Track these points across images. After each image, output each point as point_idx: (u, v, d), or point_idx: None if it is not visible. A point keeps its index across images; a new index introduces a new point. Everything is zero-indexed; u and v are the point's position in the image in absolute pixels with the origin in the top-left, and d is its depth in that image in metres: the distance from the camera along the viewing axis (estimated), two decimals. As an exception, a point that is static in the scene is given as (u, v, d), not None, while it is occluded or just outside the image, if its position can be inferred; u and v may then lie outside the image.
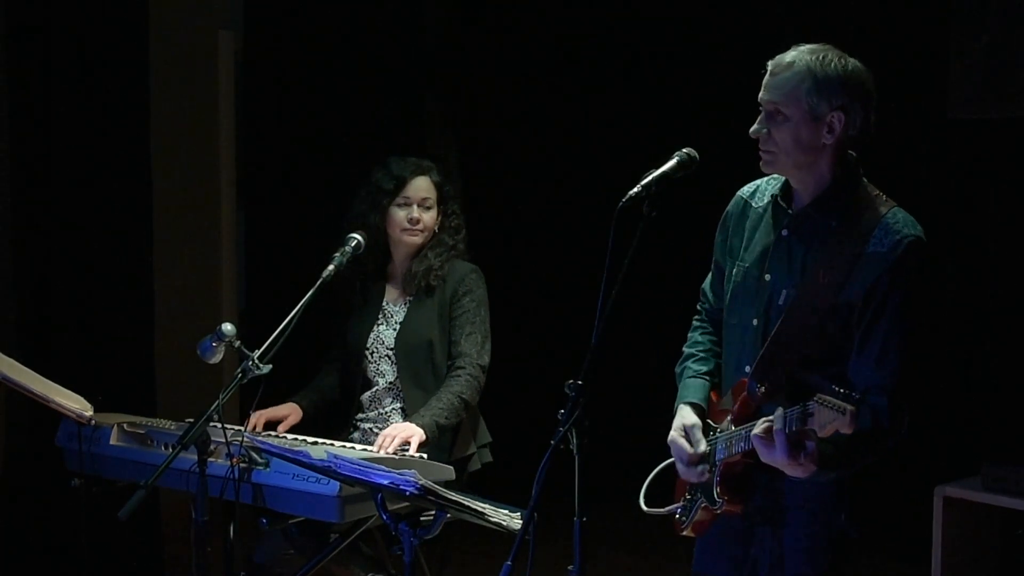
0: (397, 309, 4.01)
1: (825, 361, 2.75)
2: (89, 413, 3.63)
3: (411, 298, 3.99)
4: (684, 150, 2.79)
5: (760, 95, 2.82)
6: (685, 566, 3.22)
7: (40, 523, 4.53)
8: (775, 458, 2.61)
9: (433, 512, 3.17)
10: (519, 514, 2.96)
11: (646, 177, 2.72)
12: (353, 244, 3.76)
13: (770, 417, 2.63)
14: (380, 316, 4.01)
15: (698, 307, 3.21)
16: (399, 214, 3.95)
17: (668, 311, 6.16)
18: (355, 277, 4.03)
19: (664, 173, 2.74)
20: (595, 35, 6.35)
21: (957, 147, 5.11)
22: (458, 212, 4.06)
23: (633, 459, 3.34)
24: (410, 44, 6.47)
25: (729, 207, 3.07)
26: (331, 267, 3.67)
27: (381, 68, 6.31)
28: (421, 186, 3.97)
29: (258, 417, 3.86)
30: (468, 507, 2.98)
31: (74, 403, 3.63)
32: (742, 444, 2.78)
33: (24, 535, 4.55)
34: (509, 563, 2.56)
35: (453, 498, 2.97)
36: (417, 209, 3.95)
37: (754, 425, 2.69)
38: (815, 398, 2.51)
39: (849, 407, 2.43)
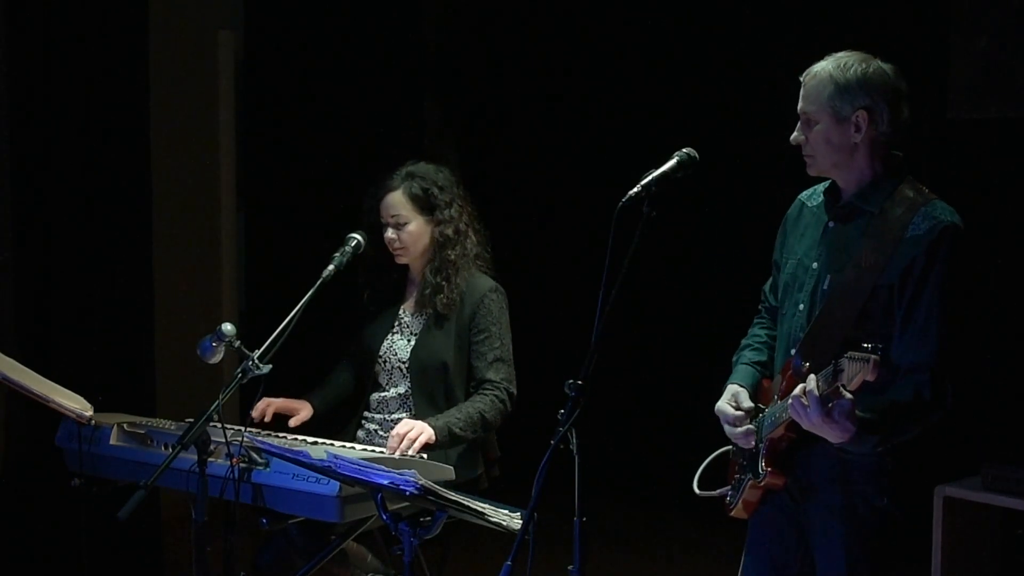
0: (413, 321, 3.89)
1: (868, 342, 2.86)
2: (89, 413, 3.62)
3: (429, 311, 3.85)
4: (684, 150, 2.86)
5: (798, 105, 3.00)
6: (683, 564, 3.23)
7: (40, 523, 4.53)
8: (812, 420, 2.69)
9: (433, 512, 3.17)
10: (519, 514, 2.96)
11: (646, 177, 2.78)
12: (353, 244, 3.74)
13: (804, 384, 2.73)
14: (396, 324, 3.92)
15: (759, 307, 3.35)
16: (384, 235, 3.85)
17: (668, 311, 6.18)
18: (370, 288, 3.97)
19: (664, 173, 2.81)
20: (595, 35, 6.34)
21: (957, 147, 5.11)
22: (456, 217, 3.84)
23: (633, 457, 3.34)
24: (410, 45, 6.47)
25: (788, 210, 3.23)
26: (331, 267, 3.65)
27: (381, 69, 6.31)
28: (389, 204, 3.82)
29: (267, 405, 3.82)
30: (468, 507, 2.98)
31: (74, 403, 3.62)
32: (784, 415, 2.87)
33: (24, 535, 4.55)
34: (509, 563, 2.57)
35: (453, 498, 2.97)
36: (391, 229, 3.82)
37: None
38: (845, 354, 2.62)
39: (873, 356, 2.54)
